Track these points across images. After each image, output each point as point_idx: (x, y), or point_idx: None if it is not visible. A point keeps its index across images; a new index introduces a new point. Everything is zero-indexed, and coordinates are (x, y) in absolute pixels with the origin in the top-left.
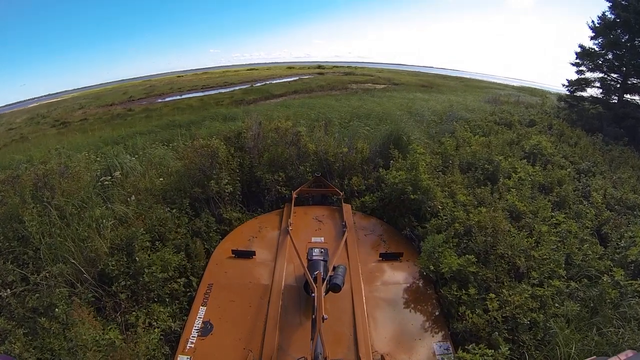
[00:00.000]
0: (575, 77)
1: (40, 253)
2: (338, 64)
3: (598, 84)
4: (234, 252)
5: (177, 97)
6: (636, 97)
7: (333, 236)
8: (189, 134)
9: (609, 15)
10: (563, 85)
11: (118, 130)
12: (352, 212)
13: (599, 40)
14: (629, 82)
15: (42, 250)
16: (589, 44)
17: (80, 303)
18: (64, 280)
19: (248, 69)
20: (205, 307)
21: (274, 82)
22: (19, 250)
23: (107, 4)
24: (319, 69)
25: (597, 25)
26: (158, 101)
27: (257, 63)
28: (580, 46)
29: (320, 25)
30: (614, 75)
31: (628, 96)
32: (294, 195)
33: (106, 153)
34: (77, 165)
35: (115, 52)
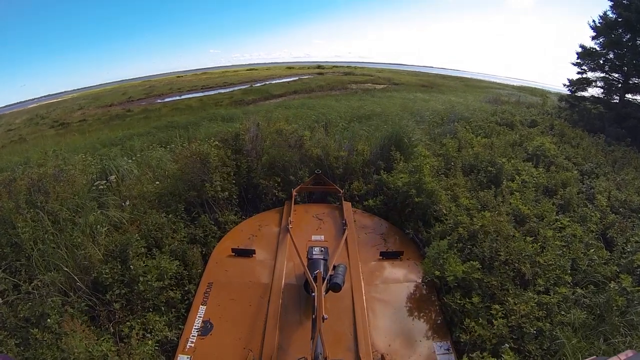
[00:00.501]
0: (576, 76)
1: (33, 260)
2: (338, 64)
3: (599, 84)
4: (233, 250)
5: (177, 98)
6: (638, 97)
7: (333, 234)
8: (186, 136)
9: (610, 15)
10: (564, 85)
11: (116, 131)
12: (353, 210)
13: (600, 40)
14: (631, 81)
15: (34, 257)
16: (590, 43)
17: (73, 313)
18: (56, 289)
19: (248, 69)
20: (205, 306)
21: (274, 82)
22: (12, 257)
23: (107, 4)
24: (319, 69)
25: (598, 24)
26: (157, 102)
27: (256, 63)
28: (582, 46)
29: (320, 25)
30: (615, 75)
31: (629, 96)
32: (294, 193)
33: (103, 155)
34: (72, 169)
35: (116, 53)
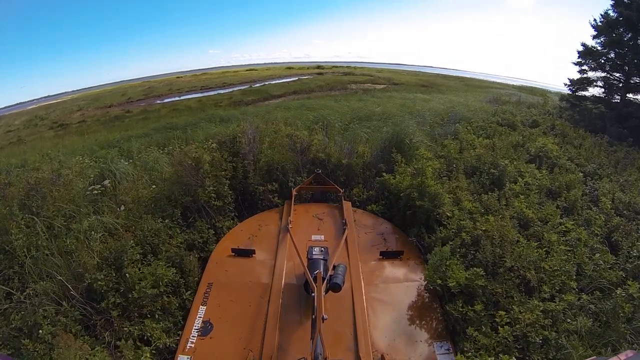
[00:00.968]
0: (577, 76)
1: (26, 268)
2: (337, 64)
3: (600, 83)
4: (233, 250)
5: (176, 99)
6: (639, 97)
7: (333, 234)
8: (185, 137)
9: (612, 14)
10: (565, 84)
11: (115, 132)
12: (353, 210)
13: (602, 39)
14: (632, 81)
15: (27, 265)
16: (591, 42)
17: (66, 322)
18: (49, 298)
19: (247, 70)
20: (205, 307)
21: (273, 82)
22: (4, 265)
23: (107, 4)
24: (318, 69)
25: (599, 23)
26: (156, 102)
27: (256, 63)
28: (583, 45)
29: (320, 25)
30: (616, 74)
31: (631, 95)
32: (293, 192)
33: (101, 157)
34: (69, 173)
35: (116, 53)
